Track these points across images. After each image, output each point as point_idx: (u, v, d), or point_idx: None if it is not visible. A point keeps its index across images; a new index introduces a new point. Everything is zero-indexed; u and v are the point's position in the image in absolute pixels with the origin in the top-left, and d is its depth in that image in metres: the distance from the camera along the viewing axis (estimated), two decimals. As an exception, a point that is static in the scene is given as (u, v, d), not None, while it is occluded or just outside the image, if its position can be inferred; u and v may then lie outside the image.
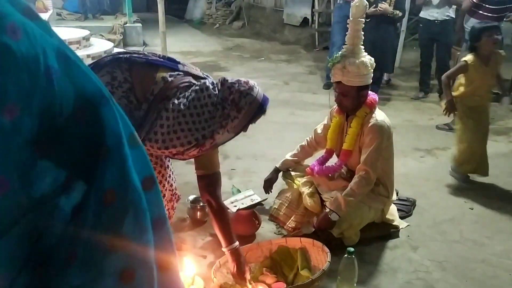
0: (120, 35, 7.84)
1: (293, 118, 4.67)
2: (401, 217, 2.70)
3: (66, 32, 6.15)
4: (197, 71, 2.01)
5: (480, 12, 4.14)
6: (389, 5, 4.74)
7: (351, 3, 2.43)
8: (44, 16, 7.19)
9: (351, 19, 2.41)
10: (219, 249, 2.35)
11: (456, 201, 2.99)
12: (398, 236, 2.54)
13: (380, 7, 4.70)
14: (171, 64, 1.97)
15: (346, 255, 1.93)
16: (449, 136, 4.26)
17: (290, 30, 9.41)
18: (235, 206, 2.48)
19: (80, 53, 5.80)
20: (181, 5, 12.64)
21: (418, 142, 4.08)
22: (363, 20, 2.40)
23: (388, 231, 2.55)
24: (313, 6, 8.77)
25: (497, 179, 3.32)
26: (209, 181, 2.03)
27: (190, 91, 1.86)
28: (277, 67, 7.06)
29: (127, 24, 8.25)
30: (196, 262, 2.22)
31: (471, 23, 4.25)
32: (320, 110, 4.65)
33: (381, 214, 2.52)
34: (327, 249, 2.05)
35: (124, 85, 1.86)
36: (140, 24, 8.53)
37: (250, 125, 1.95)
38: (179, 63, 1.99)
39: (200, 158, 1.97)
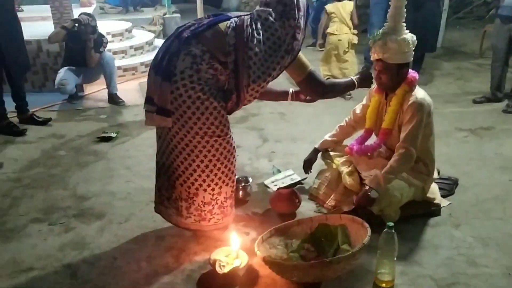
0: (160, 26, 8.04)
1: (332, 101, 4.65)
2: (443, 196, 2.69)
3: (109, 25, 6.39)
4: (240, 12, 2.23)
5: None
6: None
7: None
8: (89, 10, 7.49)
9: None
10: (261, 227, 2.44)
11: (501, 179, 2.93)
12: (439, 214, 2.53)
13: None
14: (222, 17, 2.14)
15: (386, 230, 1.95)
16: (493, 115, 4.15)
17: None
18: (276, 185, 2.55)
19: (123, 44, 6.03)
20: (218, -6, 12.71)
21: (461, 122, 4.00)
22: (406, -3, 2.38)
23: (429, 209, 2.54)
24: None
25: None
26: (310, 79, 2.23)
27: (253, 23, 2.06)
28: (312, 52, 7.02)
29: (166, 15, 8.43)
30: (240, 238, 2.31)
31: None
32: (359, 92, 4.60)
33: (422, 192, 2.51)
34: (367, 225, 2.08)
35: (205, 56, 2.02)
36: (178, 15, 8.69)
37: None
38: (225, 14, 2.19)
39: (292, 67, 2.16)
